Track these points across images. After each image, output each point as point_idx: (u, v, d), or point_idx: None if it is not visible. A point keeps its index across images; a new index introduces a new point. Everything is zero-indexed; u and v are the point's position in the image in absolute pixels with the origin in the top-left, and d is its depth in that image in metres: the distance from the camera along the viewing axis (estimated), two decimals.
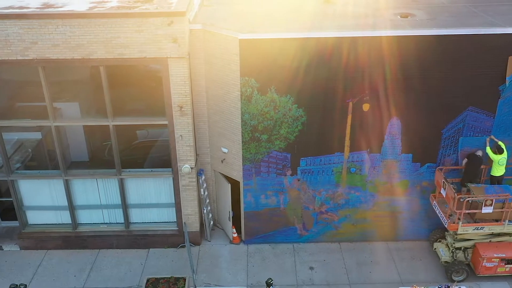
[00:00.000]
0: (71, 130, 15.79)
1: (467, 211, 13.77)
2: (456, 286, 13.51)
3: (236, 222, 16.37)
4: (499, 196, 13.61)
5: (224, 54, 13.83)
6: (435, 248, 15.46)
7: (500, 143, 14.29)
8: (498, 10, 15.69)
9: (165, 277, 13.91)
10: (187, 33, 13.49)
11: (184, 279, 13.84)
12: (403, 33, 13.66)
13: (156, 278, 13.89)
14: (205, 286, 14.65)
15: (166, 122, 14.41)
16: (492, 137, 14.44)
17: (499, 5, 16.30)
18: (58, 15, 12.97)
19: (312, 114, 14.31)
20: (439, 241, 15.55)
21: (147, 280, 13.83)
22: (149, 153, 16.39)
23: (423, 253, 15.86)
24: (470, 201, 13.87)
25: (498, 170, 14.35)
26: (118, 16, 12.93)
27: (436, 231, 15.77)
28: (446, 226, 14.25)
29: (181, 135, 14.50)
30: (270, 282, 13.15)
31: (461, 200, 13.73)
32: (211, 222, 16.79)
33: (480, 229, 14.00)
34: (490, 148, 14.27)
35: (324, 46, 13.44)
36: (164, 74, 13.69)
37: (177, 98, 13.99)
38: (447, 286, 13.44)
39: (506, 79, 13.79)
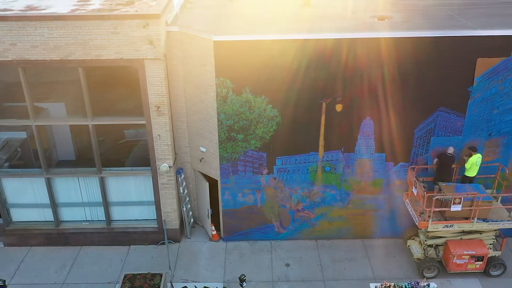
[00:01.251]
0: (58, 130, 15.87)
1: (436, 209, 13.88)
2: (426, 282, 13.58)
3: (215, 220, 16.50)
4: (467, 194, 13.72)
5: (200, 55, 13.95)
6: (408, 245, 15.55)
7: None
8: (473, 13, 15.79)
9: (142, 273, 13.97)
10: (163, 35, 13.60)
11: (161, 275, 13.91)
12: (375, 35, 13.73)
13: (133, 274, 13.96)
14: (182, 282, 14.76)
15: (144, 122, 14.53)
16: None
17: (475, 8, 16.42)
18: (36, 17, 13.08)
19: (287, 114, 14.42)
20: (413, 239, 15.65)
21: (125, 276, 13.90)
22: (135, 152, 16.50)
23: (397, 250, 15.98)
24: (441, 200, 14.00)
25: (474, 171, 14.44)
26: (94, 19, 13.05)
27: (410, 229, 15.87)
28: (417, 224, 14.35)
29: (159, 135, 14.62)
30: (243, 278, 13.27)
31: (433, 198, 13.85)
32: (191, 220, 16.91)
33: (450, 226, 14.10)
34: (467, 155, 14.43)
35: (297, 47, 13.56)
36: (141, 75, 13.82)
37: (154, 98, 14.12)
38: (417, 282, 13.53)
39: (475, 80, 13.90)
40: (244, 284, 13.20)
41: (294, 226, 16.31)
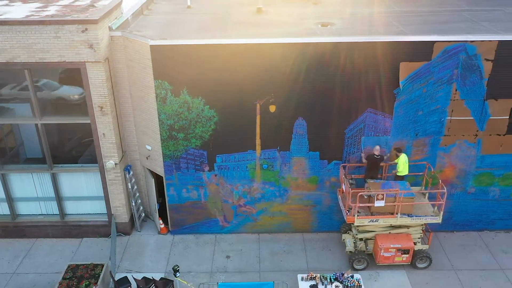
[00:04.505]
0: (25, 129, 15.95)
1: (360, 205, 14.08)
2: (350, 274, 13.76)
3: (164, 214, 16.71)
4: (389, 191, 13.92)
5: (140, 59, 14.16)
6: (343, 239, 15.75)
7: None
8: (413, 21, 16.04)
9: (85, 264, 14.19)
10: (103, 39, 13.81)
11: (102, 266, 14.13)
12: (305, 40, 13.90)
13: (76, 265, 14.16)
14: (126, 272, 14.96)
15: (89, 121, 14.74)
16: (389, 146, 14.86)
17: (417, 16, 16.66)
18: None
19: (224, 115, 14.62)
20: (348, 233, 15.85)
21: (68, 266, 14.10)
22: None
23: (334, 243, 16.17)
24: (371, 196, 14.20)
25: (406, 170, 14.61)
26: (36, 24, 13.24)
27: (346, 223, 16.03)
28: (345, 218, 14.54)
29: (103, 133, 14.83)
30: (176, 268, 13.44)
31: (358, 195, 14.05)
32: (143, 214, 17.13)
33: (375, 221, 14.29)
34: (397, 156, 14.62)
35: (229, 51, 13.74)
36: (84, 77, 14.02)
37: (97, 99, 14.32)
38: (342, 273, 13.72)
39: (400, 83, 14.09)
40: (178, 274, 13.36)
41: (238, 221, 16.51)
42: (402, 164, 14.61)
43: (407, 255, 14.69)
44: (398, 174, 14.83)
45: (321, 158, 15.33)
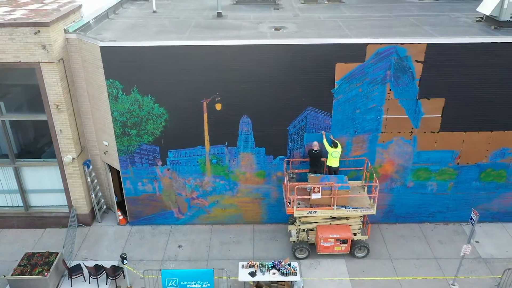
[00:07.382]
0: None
1: (298, 197, 14.45)
2: (287, 262, 14.11)
3: (123, 206, 17.09)
4: (325, 184, 14.29)
5: (93, 59, 14.53)
6: (289, 230, 16.11)
7: (336, 141, 15.06)
8: (361, 25, 16.38)
9: (40, 252, 14.59)
10: (57, 41, 14.18)
11: (57, 254, 14.52)
12: (248, 42, 14.26)
13: (32, 253, 14.56)
14: (82, 260, 15.35)
15: (46, 118, 15.12)
16: (331, 136, 15.13)
17: (366, 20, 17.04)
18: None
19: (173, 112, 14.98)
20: (294, 224, 16.22)
21: (25, 254, 14.50)
22: None
23: (281, 234, 16.54)
24: (308, 189, 14.58)
25: (332, 162, 15.01)
26: None
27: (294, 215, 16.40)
28: (286, 210, 14.91)
29: (60, 130, 15.20)
30: (124, 256, 13.82)
31: (295, 188, 14.43)
32: (104, 206, 17.51)
33: (314, 213, 14.66)
34: (327, 141, 14.96)
35: (176, 53, 14.10)
36: (39, 76, 14.40)
37: (52, 97, 14.69)
38: (280, 261, 14.08)
39: (336, 83, 14.45)
40: (125, 261, 13.74)
41: (192, 212, 16.88)
42: (329, 155, 14.96)
43: (346, 245, 15.06)
44: (327, 164, 15.18)
45: (267, 154, 15.69)
